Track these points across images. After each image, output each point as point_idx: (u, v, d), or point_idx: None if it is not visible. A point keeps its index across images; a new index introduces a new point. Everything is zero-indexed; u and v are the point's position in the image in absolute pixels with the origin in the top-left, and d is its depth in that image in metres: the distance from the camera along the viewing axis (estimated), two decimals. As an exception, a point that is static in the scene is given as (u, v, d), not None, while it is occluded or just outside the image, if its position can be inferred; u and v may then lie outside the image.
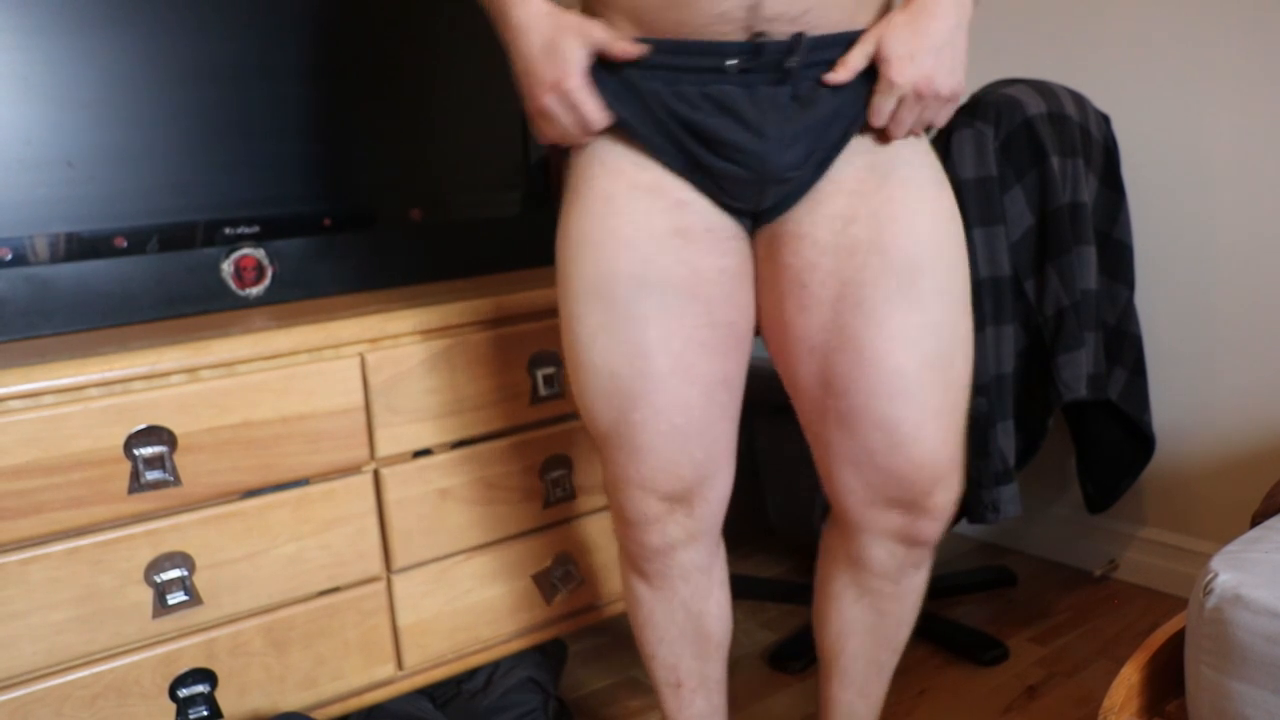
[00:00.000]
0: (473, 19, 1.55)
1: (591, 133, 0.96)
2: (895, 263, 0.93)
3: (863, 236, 0.94)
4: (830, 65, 0.92)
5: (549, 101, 0.94)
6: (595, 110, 0.94)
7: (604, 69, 0.94)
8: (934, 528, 1.00)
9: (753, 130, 0.92)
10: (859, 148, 0.96)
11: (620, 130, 0.96)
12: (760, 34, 0.91)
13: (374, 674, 1.29)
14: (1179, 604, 1.81)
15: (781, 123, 0.92)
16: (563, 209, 1.01)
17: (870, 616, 1.08)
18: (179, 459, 1.13)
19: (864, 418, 0.95)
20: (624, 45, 0.91)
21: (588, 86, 0.93)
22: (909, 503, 0.98)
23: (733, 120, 0.92)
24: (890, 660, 1.12)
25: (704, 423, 1.01)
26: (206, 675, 1.18)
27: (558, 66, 0.92)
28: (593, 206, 0.97)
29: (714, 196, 0.97)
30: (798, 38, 0.90)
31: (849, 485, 0.99)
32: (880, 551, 1.03)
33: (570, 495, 1.42)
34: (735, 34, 0.91)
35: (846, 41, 0.93)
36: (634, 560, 1.09)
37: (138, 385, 1.11)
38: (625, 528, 1.06)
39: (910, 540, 1.01)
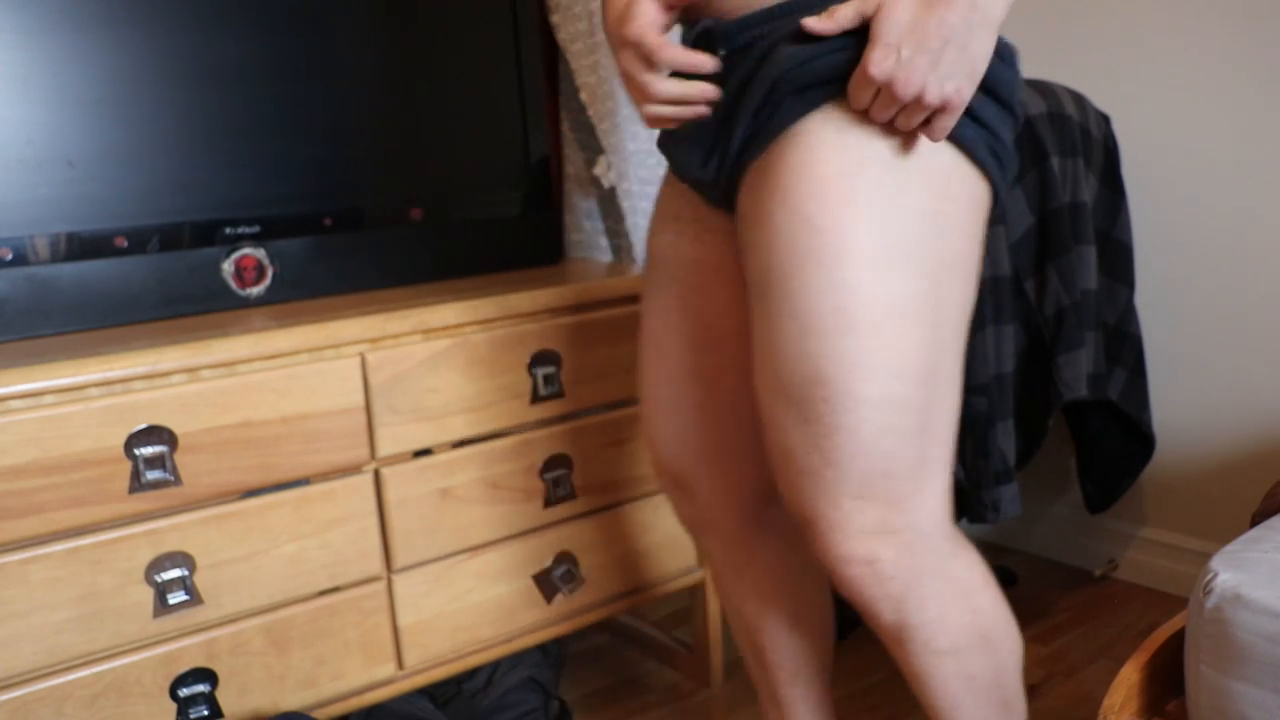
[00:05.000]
0: (473, 18, 1.55)
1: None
2: (750, 279, 0.86)
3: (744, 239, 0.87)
4: (759, 51, 0.82)
5: (624, 60, 0.86)
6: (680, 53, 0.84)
7: None
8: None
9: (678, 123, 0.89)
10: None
11: None
12: (697, 20, 0.88)
13: (374, 674, 1.29)
14: (1179, 604, 1.81)
15: (693, 121, 0.88)
16: None
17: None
18: (179, 459, 1.13)
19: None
20: None
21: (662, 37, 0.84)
22: None
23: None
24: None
25: (675, 410, 1.00)
26: (207, 675, 1.18)
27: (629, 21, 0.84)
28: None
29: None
30: (715, 23, 0.84)
31: None
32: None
33: (571, 495, 1.42)
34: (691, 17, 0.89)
35: (766, 19, 0.82)
36: None
37: (138, 385, 1.11)
38: None
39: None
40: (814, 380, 0.80)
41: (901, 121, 0.78)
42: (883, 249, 0.78)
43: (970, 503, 1.49)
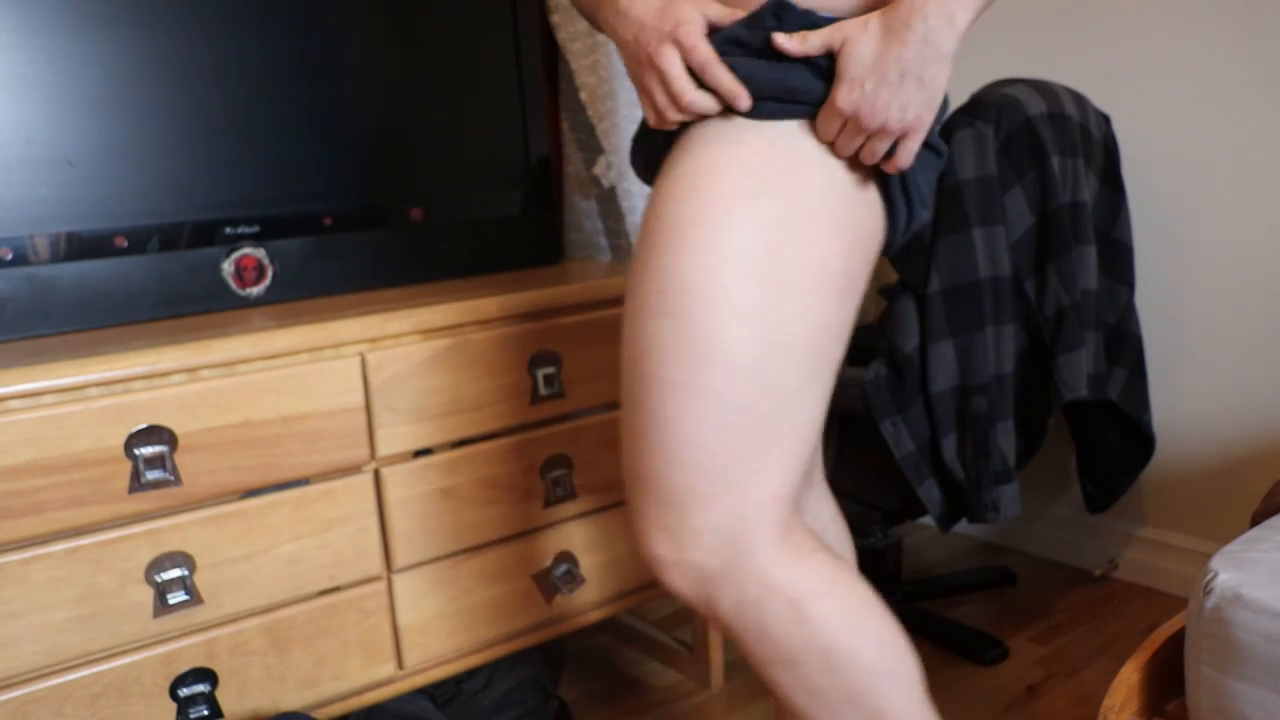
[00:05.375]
0: (473, 18, 1.55)
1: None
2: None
3: None
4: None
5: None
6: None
7: None
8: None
9: None
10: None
11: None
12: None
13: (374, 673, 1.29)
14: (1179, 604, 1.81)
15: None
16: None
17: None
18: (179, 458, 1.13)
19: None
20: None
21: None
22: None
23: None
24: None
25: None
26: (207, 675, 1.18)
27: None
28: None
29: None
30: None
31: None
32: None
33: (571, 495, 1.42)
34: None
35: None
36: None
37: (138, 385, 1.11)
38: None
39: None
40: (634, 359, 0.83)
41: (866, 153, 0.83)
42: (715, 244, 0.81)
43: (970, 502, 1.49)
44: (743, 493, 0.83)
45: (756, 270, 0.81)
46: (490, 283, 1.48)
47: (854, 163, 0.85)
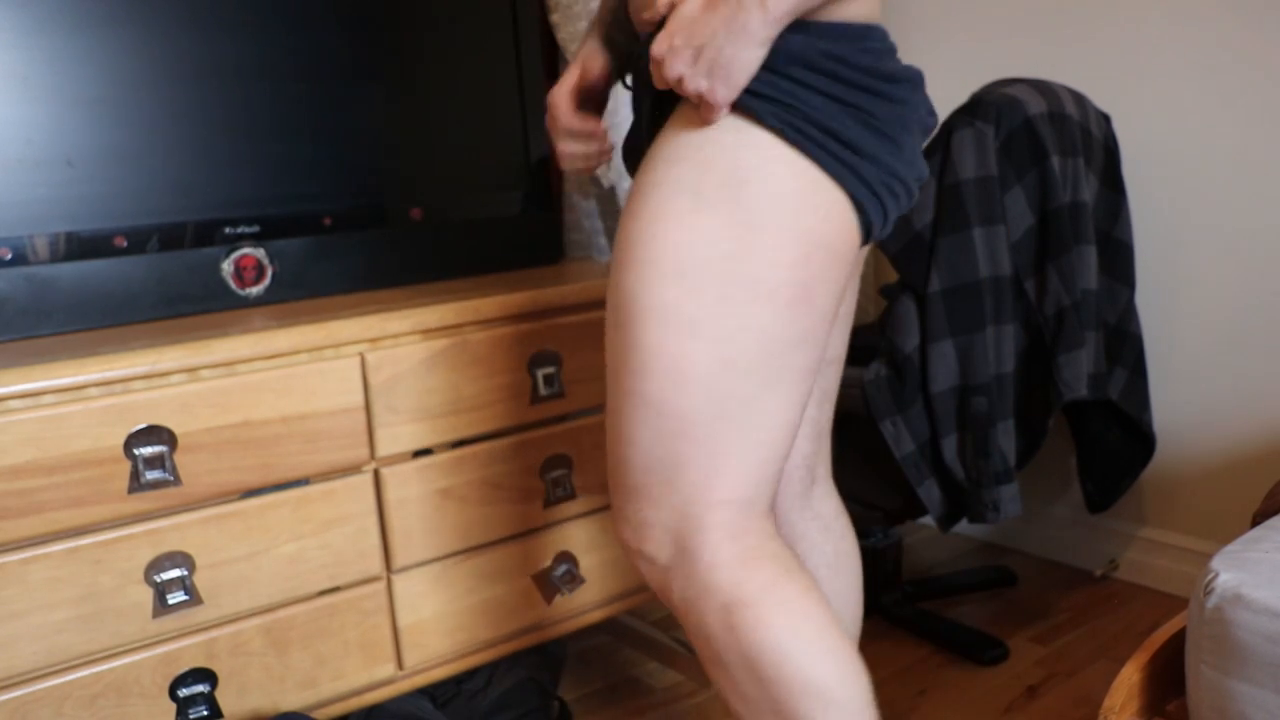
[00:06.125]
0: (473, 18, 1.55)
1: None
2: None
3: None
4: None
5: None
6: None
7: None
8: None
9: None
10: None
11: None
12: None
13: (374, 674, 1.29)
14: (1179, 604, 1.81)
15: None
16: None
17: None
18: (179, 459, 1.13)
19: None
20: None
21: None
22: None
23: None
24: None
25: None
26: (206, 675, 1.18)
27: None
28: None
29: None
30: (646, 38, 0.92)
31: None
32: None
33: (570, 495, 1.42)
34: None
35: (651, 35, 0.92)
36: None
37: (138, 385, 1.11)
38: None
39: None
40: (607, 365, 0.90)
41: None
42: (657, 260, 0.83)
43: (970, 502, 1.49)
44: (688, 495, 0.85)
45: (696, 285, 0.82)
46: (490, 283, 1.48)
47: (807, 169, 0.83)
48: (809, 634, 0.84)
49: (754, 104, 0.82)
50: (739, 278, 0.83)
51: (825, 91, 0.82)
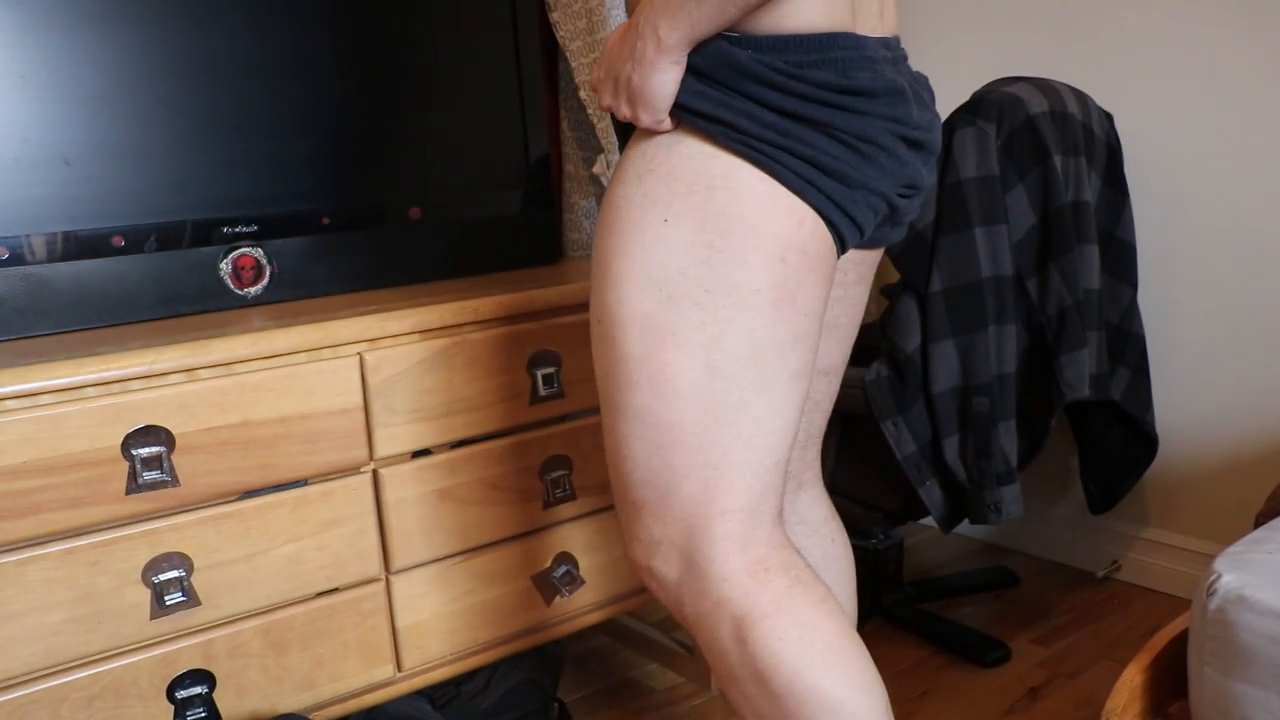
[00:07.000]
0: (473, 17, 1.55)
1: None
2: None
3: None
4: None
5: None
6: None
7: None
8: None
9: None
10: None
11: None
12: None
13: (373, 675, 1.29)
14: (1182, 605, 1.81)
15: None
16: None
17: None
18: (177, 459, 1.13)
19: None
20: None
21: None
22: None
23: None
24: None
25: None
26: (205, 676, 1.17)
27: None
28: None
29: None
30: None
31: None
32: None
33: (570, 496, 1.42)
34: None
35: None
36: None
37: (135, 385, 1.11)
38: None
39: None
40: (598, 381, 0.90)
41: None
42: (632, 273, 0.84)
43: (972, 503, 1.49)
44: (689, 507, 0.85)
45: (674, 294, 0.83)
46: (489, 282, 1.48)
47: (768, 176, 0.83)
48: (822, 647, 0.83)
49: (707, 126, 0.82)
50: (716, 284, 0.82)
51: (778, 107, 0.81)
